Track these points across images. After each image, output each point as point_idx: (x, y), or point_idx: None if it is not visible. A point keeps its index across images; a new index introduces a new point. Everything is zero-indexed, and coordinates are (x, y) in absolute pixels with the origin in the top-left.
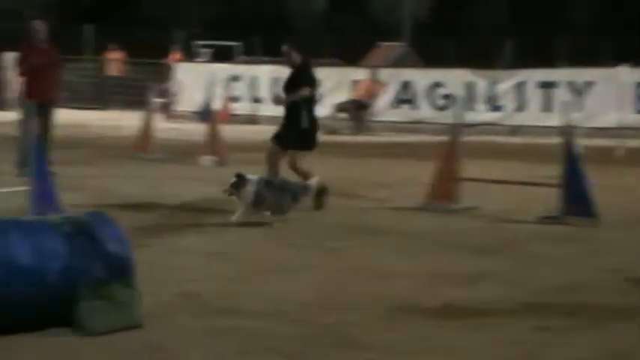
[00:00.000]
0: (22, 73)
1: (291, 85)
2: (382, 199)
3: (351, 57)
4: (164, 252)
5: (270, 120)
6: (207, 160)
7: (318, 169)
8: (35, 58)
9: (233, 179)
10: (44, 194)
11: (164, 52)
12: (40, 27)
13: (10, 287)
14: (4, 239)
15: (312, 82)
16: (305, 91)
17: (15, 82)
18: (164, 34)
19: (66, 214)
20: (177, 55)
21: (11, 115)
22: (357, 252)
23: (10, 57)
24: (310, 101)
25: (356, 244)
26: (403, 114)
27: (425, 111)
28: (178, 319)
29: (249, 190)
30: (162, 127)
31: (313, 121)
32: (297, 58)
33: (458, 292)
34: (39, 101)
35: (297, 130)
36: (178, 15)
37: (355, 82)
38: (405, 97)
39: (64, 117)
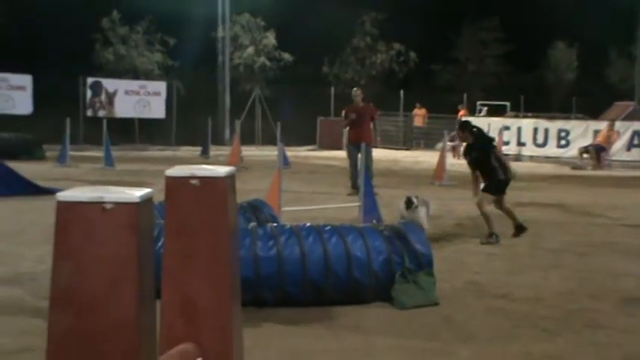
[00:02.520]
0: (345, 125)
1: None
2: (616, 218)
3: (593, 113)
4: (454, 252)
5: (530, 159)
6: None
7: (566, 196)
8: (352, 114)
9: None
10: (370, 209)
11: (454, 110)
12: (356, 93)
13: (349, 273)
14: (344, 239)
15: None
16: None
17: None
18: (454, 96)
19: (381, 222)
20: (464, 112)
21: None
22: (596, 257)
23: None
24: None
25: (595, 251)
26: (634, 155)
27: None
28: (465, 300)
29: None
30: (452, 162)
31: None
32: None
33: None
34: (356, 144)
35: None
36: (464, 83)
37: (596, 132)
38: (635, 142)
39: (382, 154)
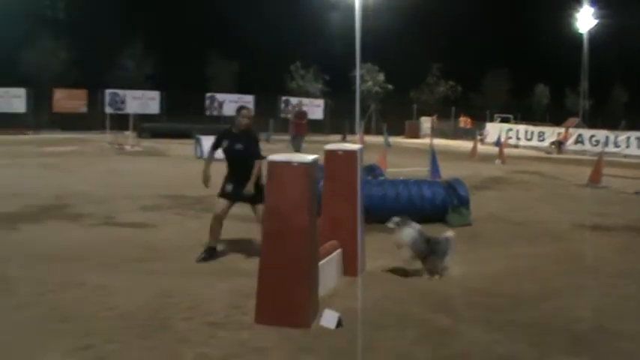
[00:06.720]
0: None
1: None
2: (570, 180)
3: (558, 122)
4: (480, 197)
5: (524, 148)
6: (497, 161)
7: (542, 168)
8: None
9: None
10: (435, 171)
11: (479, 118)
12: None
13: (423, 205)
14: (420, 187)
15: None
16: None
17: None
18: (481, 111)
19: (442, 179)
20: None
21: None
22: (555, 202)
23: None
24: None
25: (558, 199)
26: (579, 147)
27: (587, 147)
28: (489, 223)
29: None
30: (481, 148)
31: None
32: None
33: (599, 219)
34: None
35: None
36: (488, 102)
37: (558, 133)
38: (580, 140)
39: (441, 142)
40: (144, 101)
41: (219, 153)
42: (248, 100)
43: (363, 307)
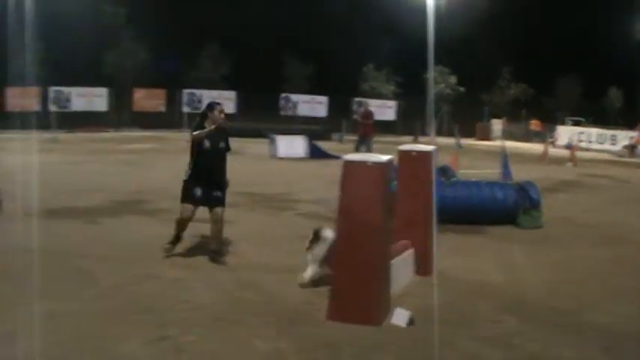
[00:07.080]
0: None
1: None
2: None
3: (631, 125)
4: (553, 200)
5: (596, 151)
6: (568, 164)
7: (612, 171)
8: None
9: (311, 236)
10: (506, 173)
11: (552, 121)
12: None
13: (495, 208)
14: (492, 189)
15: None
16: None
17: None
18: (553, 114)
19: (513, 181)
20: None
21: (487, 143)
22: (627, 206)
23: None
24: None
25: (631, 203)
26: None
27: None
28: (559, 225)
29: (321, 248)
30: (552, 151)
31: None
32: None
33: None
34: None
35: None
36: (560, 105)
37: (632, 136)
38: None
39: (512, 145)
40: (220, 101)
41: (293, 152)
42: (321, 100)
43: (434, 306)
